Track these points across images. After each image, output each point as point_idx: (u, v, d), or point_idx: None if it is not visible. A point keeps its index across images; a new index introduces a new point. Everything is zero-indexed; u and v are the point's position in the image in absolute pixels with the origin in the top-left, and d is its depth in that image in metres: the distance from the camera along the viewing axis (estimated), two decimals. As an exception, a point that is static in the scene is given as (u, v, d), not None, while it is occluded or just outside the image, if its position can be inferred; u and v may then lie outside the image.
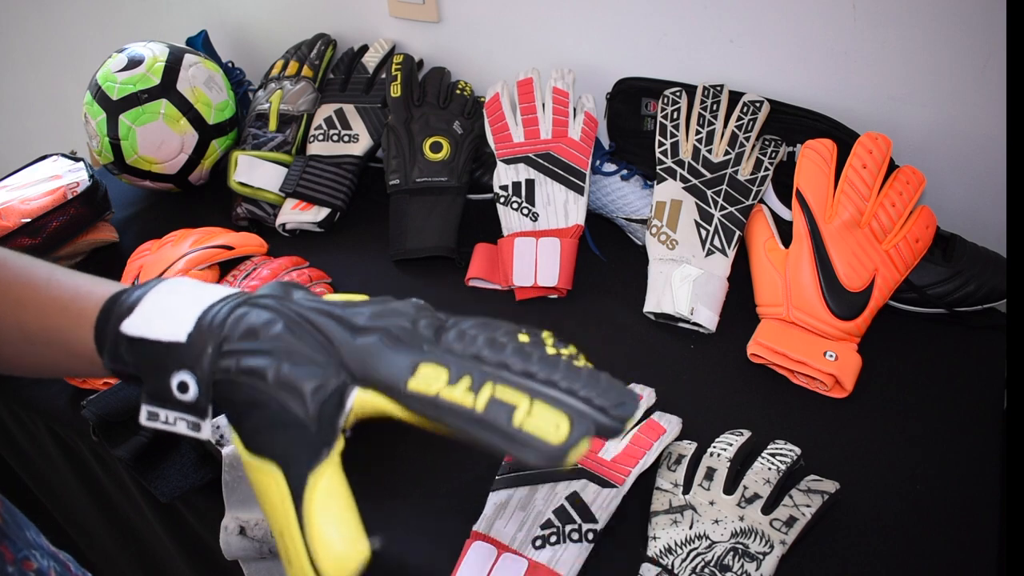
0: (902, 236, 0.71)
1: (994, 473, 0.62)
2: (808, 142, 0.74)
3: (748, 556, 0.54)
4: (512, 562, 0.55)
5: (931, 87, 0.77)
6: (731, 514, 0.57)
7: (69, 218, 0.87)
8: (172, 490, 0.64)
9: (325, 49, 1.03)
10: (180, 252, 0.82)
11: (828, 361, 0.68)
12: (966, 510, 0.60)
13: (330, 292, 0.81)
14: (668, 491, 0.59)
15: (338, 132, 0.96)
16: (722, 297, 0.76)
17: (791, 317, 0.72)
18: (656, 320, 0.78)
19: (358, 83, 1.00)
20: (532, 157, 0.84)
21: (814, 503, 0.56)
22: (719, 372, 0.73)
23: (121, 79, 0.92)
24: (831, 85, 0.81)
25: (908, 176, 0.72)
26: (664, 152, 0.81)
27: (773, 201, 0.80)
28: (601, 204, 0.89)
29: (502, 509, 0.59)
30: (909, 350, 0.73)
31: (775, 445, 0.62)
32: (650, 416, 0.64)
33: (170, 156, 0.95)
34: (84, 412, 0.66)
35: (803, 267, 0.72)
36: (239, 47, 1.19)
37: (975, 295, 0.73)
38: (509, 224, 0.84)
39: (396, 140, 0.91)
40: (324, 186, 0.93)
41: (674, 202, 0.79)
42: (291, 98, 0.98)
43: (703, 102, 0.82)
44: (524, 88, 0.87)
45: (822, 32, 0.78)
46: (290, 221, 0.93)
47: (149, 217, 1.01)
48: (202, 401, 0.36)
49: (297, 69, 1.01)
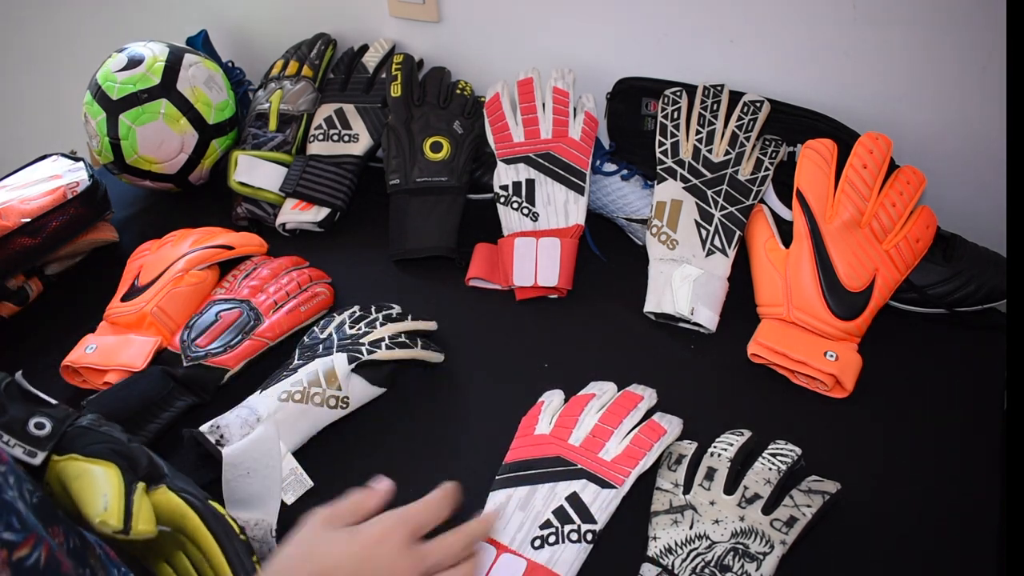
0: (902, 236, 0.71)
1: (994, 473, 0.62)
2: (808, 142, 0.74)
3: (748, 556, 0.54)
4: (511, 562, 0.55)
5: (931, 87, 0.77)
6: (731, 514, 0.57)
7: (69, 218, 0.86)
8: (172, 490, 0.64)
9: (325, 49, 1.03)
10: (180, 252, 0.82)
11: (828, 361, 0.68)
12: (966, 510, 0.60)
13: (330, 292, 0.81)
14: (668, 491, 0.59)
15: (338, 132, 0.96)
16: (722, 297, 0.76)
17: (791, 317, 0.72)
18: (656, 320, 0.78)
19: (358, 83, 1.00)
20: (532, 157, 0.84)
21: (815, 503, 0.56)
22: (719, 372, 0.73)
23: (121, 79, 0.92)
24: (831, 85, 0.81)
25: (908, 176, 0.72)
26: (664, 152, 0.81)
27: (773, 201, 0.80)
28: (601, 204, 0.89)
29: (501, 509, 0.59)
30: (909, 350, 0.73)
31: (775, 445, 0.61)
32: (651, 417, 0.64)
33: (170, 156, 0.95)
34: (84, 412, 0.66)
35: (803, 267, 0.72)
36: (239, 47, 1.19)
37: (975, 295, 0.73)
38: (509, 224, 0.84)
39: (396, 140, 0.90)
40: (324, 186, 0.93)
41: (674, 202, 0.79)
42: (291, 98, 0.98)
43: (703, 102, 0.82)
44: (524, 88, 0.87)
45: (822, 32, 0.78)
46: (290, 221, 0.93)
47: (149, 217, 1.01)
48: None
49: (297, 69, 1.01)
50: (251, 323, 0.74)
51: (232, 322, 0.74)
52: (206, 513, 0.51)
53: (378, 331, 0.72)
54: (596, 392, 0.67)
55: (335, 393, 0.67)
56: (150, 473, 0.52)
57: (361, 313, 0.75)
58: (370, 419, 0.69)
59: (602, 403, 0.65)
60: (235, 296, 0.78)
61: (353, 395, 0.68)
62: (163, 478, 0.53)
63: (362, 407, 0.70)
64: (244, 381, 0.72)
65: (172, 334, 0.75)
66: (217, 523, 0.51)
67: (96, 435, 0.52)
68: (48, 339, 0.80)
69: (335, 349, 0.70)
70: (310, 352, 0.70)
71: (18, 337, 0.83)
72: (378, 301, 0.78)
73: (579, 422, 0.63)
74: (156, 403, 0.67)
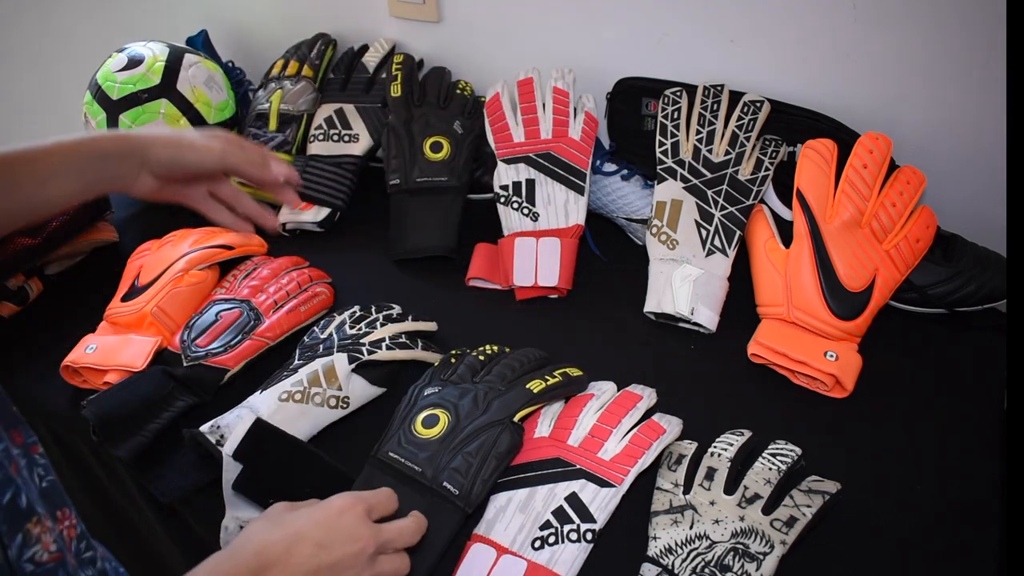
0: (902, 236, 0.71)
1: (994, 473, 0.62)
2: (809, 142, 0.74)
3: (748, 556, 0.54)
4: (511, 563, 0.55)
5: (931, 87, 0.77)
6: (731, 514, 0.57)
7: (69, 218, 0.86)
8: (172, 490, 0.64)
9: (325, 49, 1.03)
10: (180, 252, 0.82)
11: (828, 361, 0.68)
12: (966, 510, 0.60)
13: (330, 292, 0.81)
14: (668, 491, 0.59)
15: (338, 132, 0.96)
16: (722, 297, 0.76)
17: (791, 317, 0.72)
18: (656, 320, 0.78)
19: (358, 83, 1.00)
20: (532, 157, 0.84)
21: (815, 503, 0.56)
22: (719, 372, 0.73)
23: (121, 79, 0.92)
24: (831, 85, 0.81)
25: (908, 176, 0.72)
26: (664, 152, 0.81)
27: (773, 201, 0.80)
28: (601, 204, 0.89)
29: (502, 512, 0.59)
30: (909, 350, 0.73)
31: (776, 445, 0.61)
32: (650, 417, 0.64)
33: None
34: (84, 412, 0.66)
35: (803, 267, 0.72)
36: (239, 47, 1.19)
37: (975, 295, 0.73)
38: (509, 224, 0.84)
39: (396, 140, 0.90)
40: (324, 186, 0.93)
41: (674, 202, 0.79)
42: (291, 98, 0.98)
43: (703, 102, 0.82)
44: (524, 88, 0.87)
45: (822, 32, 0.78)
46: (290, 221, 0.93)
47: (149, 217, 1.01)
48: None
49: (297, 69, 1.01)
50: (251, 323, 0.74)
51: (232, 322, 0.74)
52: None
53: (378, 331, 0.72)
54: (595, 392, 0.67)
55: (335, 393, 0.67)
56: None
57: (361, 313, 0.75)
58: (370, 419, 0.69)
59: (601, 403, 0.65)
60: (235, 296, 0.78)
61: (353, 395, 0.68)
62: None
63: (362, 407, 0.70)
64: (244, 381, 0.72)
65: (172, 334, 0.75)
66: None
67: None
68: (48, 339, 0.80)
69: (335, 349, 0.70)
70: (310, 352, 0.70)
71: (18, 337, 0.83)
72: (378, 301, 0.78)
73: (578, 422, 0.63)
74: (156, 403, 0.67)
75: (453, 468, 0.59)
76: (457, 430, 0.61)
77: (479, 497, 0.59)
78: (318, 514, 0.50)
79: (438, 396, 0.65)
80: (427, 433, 0.62)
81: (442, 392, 0.65)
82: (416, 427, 0.62)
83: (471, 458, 0.60)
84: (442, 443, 0.61)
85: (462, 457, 0.60)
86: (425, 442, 0.61)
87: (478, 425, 0.61)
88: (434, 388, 0.66)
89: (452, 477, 0.59)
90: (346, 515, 0.50)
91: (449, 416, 0.63)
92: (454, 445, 0.60)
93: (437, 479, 0.59)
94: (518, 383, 0.65)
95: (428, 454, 0.60)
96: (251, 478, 0.59)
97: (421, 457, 0.60)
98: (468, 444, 0.60)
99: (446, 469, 0.59)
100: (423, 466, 0.60)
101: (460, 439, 0.61)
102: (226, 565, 0.45)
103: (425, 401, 0.65)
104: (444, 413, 0.63)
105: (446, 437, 0.61)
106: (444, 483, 0.59)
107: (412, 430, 0.62)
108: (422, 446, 0.61)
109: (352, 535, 0.49)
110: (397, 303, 0.78)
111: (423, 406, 0.64)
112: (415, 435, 0.62)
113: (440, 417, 0.63)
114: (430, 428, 0.62)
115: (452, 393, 0.65)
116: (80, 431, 0.71)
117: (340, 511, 0.50)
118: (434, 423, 0.62)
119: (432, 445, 0.61)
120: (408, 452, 0.61)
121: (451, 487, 0.58)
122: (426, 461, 0.60)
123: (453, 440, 0.61)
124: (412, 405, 0.65)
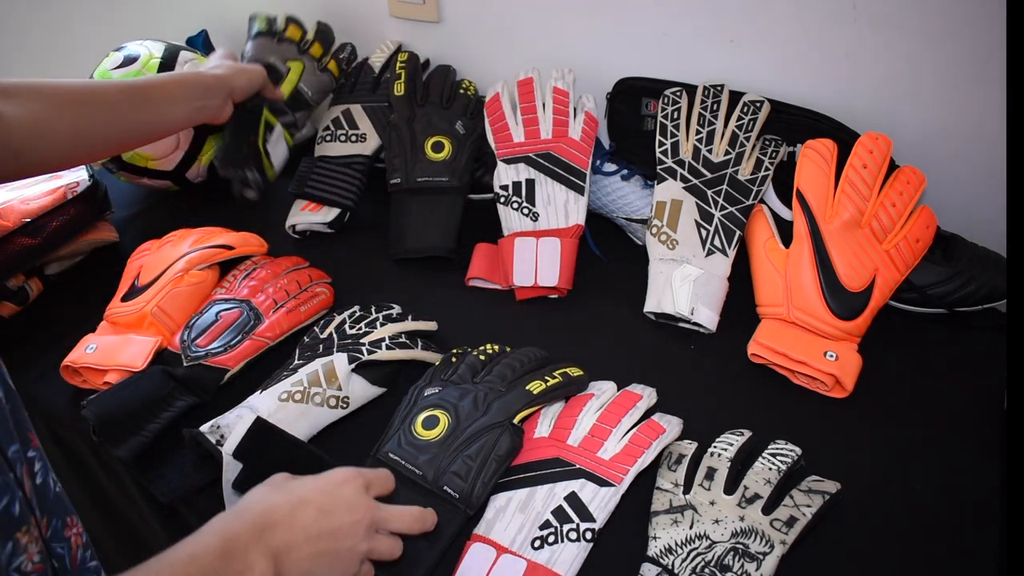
0: (902, 236, 0.71)
1: (994, 473, 0.62)
2: (808, 142, 0.74)
3: (748, 556, 0.54)
4: (511, 563, 0.55)
5: (931, 87, 0.77)
6: (731, 514, 0.57)
7: (69, 218, 0.87)
8: (172, 490, 0.64)
9: (348, 56, 1.01)
10: (180, 252, 0.82)
11: (828, 361, 0.68)
12: (966, 510, 0.60)
13: (330, 292, 0.81)
14: (668, 491, 0.59)
15: (346, 132, 0.96)
16: (722, 297, 0.76)
17: (791, 317, 0.72)
18: (656, 320, 0.78)
19: (364, 83, 0.99)
20: (532, 157, 0.84)
21: (815, 503, 0.56)
22: (719, 372, 0.73)
23: (117, 76, 0.92)
24: (831, 85, 0.81)
25: (908, 176, 0.72)
26: (664, 152, 0.81)
27: (773, 201, 0.80)
28: (601, 204, 0.89)
29: (502, 512, 0.59)
30: (909, 350, 0.73)
31: (776, 445, 0.62)
32: (650, 416, 0.64)
33: (166, 152, 0.95)
34: (84, 412, 0.66)
35: (803, 267, 0.72)
36: (239, 47, 1.18)
37: (975, 295, 0.73)
38: (509, 224, 0.84)
39: (398, 138, 0.90)
40: (334, 186, 0.92)
41: (674, 202, 0.79)
42: (312, 84, 0.94)
43: (703, 102, 0.82)
44: (524, 88, 0.87)
45: (822, 32, 0.78)
46: (300, 222, 0.93)
47: (149, 217, 1.01)
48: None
49: (321, 53, 0.96)
50: (251, 323, 0.74)
51: (232, 322, 0.74)
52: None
53: (378, 331, 0.72)
54: (595, 392, 0.67)
55: (335, 393, 0.67)
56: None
57: (361, 313, 0.75)
58: (370, 419, 0.69)
59: (601, 403, 0.65)
60: (235, 296, 0.78)
61: (353, 395, 0.68)
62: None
63: (362, 407, 0.70)
64: (244, 381, 0.72)
65: (172, 334, 0.75)
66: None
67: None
68: (48, 339, 0.80)
69: (335, 349, 0.70)
70: (310, 352, 0.70)
71: (18, 337, 0.83)
72: (378, 301, 0.78)
73: (577, 422, 0.63)
74: (156, 403, 0.67)
75: (453, 471, 0.59)
76: (457, 432, 0.61)
77: (479, 499, 0.59)
78: (320, 482, 0.52)
79: (438, 397, 0.65)
80: (427, 435, 0.62)
81: (442, 393, 0.65)
82: (416, 428, 0.62)
83: (471, 461, 0.60)
84: (442, 445, 0.61)
85: (462, 460, 0.60)
86: (425, 444, 0.61)
87: (478, 427, 0.61)
88: (435, 388, 0.66)
89: (452, 481, 0.59)
90: (346, 486, 0.52)
91: (449, 417, 0.63)
92: (454, 447, 0.61)
93: (438, 482, 0.59)
94: (518, 384, 0.65)
95: (428, 456, 0.60)
96: (251, 477, 0.59)
97: (421, 460, 0.60)
98: (468, 446, 0.60)
99: (446, 472, 0.59)
100: (423, 469, 0.60)
101: (460, 441, 0.61)
102: (233, 523, 0.47)
103: (425, 401, 0.65)
104: (444, 414, 0.63)
105: (446, 439, 0.61)
106: (444, 487, 0.59)
107: (412, 431, 0.62)
108: (422, 448, 0.61)
109: (352, 504, 0.51)
110: (397, 303, 0.78)
111: (423, 406, 0.64)
112: (415, 437, 0.62)
113: (440, 418, 0.63)
114: (430, 430, 0.62)
115: (452, 394, 0.65)
116: (80, 431, 0.71)
117: (341, 481, 0.52)
118: (434, 425, 0.62)
119: (432, 447, 0.61)
120: (408, 454, 0.61)
121: (451, 491, 0.58)
122: (426, 464, 0.60)
123: (453, 442, 0.61)
124: (412, 405, 0.65)
